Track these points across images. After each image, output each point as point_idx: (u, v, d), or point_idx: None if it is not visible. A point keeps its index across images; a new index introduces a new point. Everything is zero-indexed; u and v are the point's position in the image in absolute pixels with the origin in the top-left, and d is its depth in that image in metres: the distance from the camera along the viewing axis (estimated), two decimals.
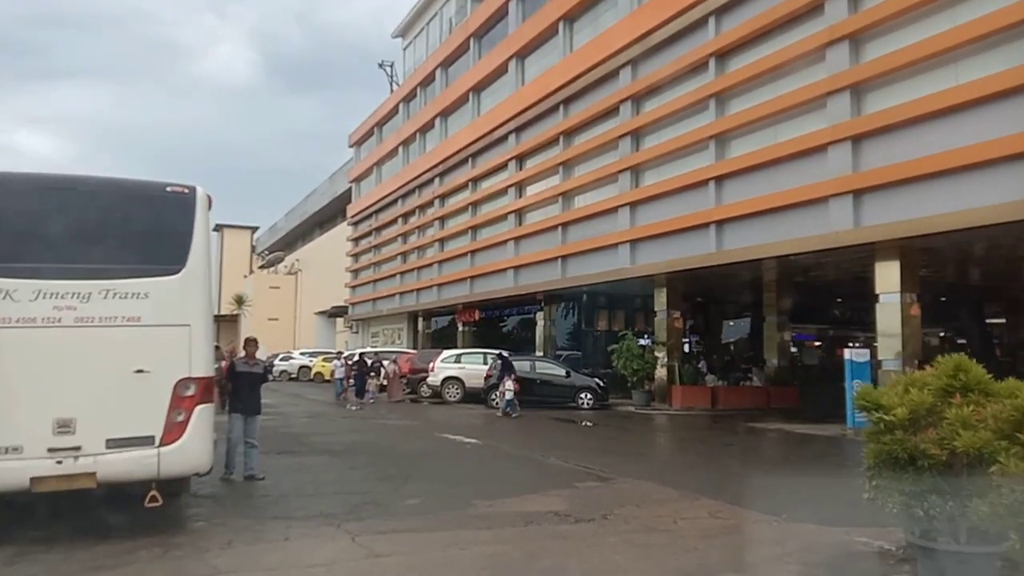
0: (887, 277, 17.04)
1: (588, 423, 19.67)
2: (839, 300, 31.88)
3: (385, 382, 25.43)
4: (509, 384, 20.43)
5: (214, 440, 7.57)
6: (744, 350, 31.55)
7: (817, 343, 34.03)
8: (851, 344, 37.23)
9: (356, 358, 25.54)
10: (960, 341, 29.65)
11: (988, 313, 30.94)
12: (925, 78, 15.29)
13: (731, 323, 33.35)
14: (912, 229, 15.18)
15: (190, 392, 7.05)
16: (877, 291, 17.24)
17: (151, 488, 6.97)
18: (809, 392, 25.16)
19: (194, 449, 7.07)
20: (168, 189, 7.38)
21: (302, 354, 45.31)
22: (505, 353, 23.49)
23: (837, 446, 15.23)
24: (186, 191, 7.42)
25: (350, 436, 15.70)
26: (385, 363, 25.97)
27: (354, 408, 22.72)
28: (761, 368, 26.40)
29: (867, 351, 17.14)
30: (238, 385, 9.97)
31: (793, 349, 29.52)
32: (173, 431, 6.97)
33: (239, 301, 31.88)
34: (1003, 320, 31.59)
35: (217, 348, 22.63)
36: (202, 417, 7.12)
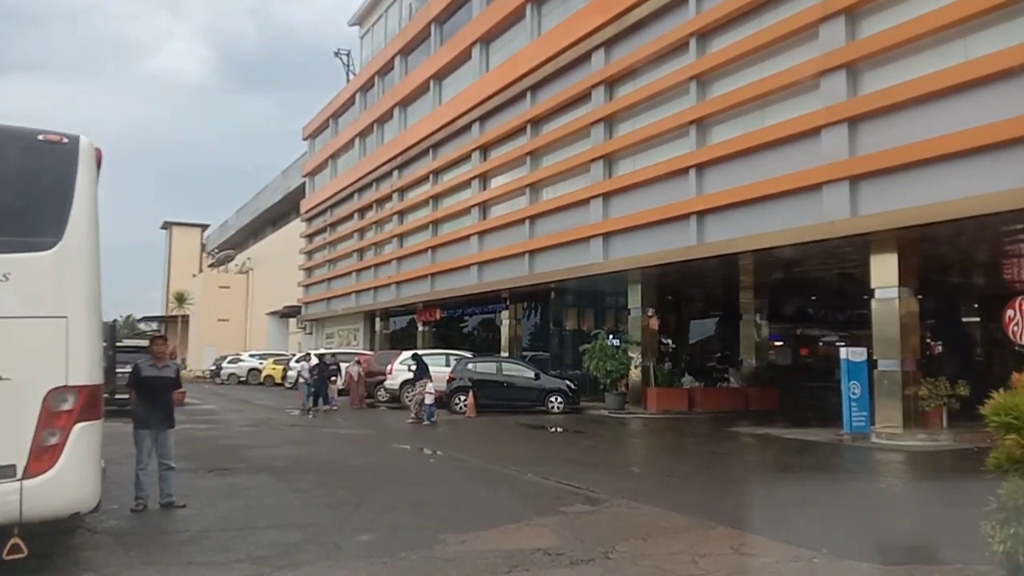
0: (884, 271, 15.82)
1: (559, 428, 18.17)
2: (813, 298, 30.90)
3: (344, 386, 23.45)
4: (430, 388, 18.56)
5: (102, 467, 5.81)
6: (714, 350, 30.39)
7: (779, 342, 32.97)
8: (821, 343, 37.00)
9: (314, 360, 23.55)
10: (929, 341, 28.85)
11: (963, 312, 30.22)
12: (929, 55, 14.07)
13: (700, 322, 32.18)
14: (915, 217, 13.94)
15: (67, 406, 5.30)
16: (873, 285, 16.03)
17: (12, 535, 5.20)
18: (785, 393, 24.16)
19: (71, 481, 5.31)
20: (40, 137, 5.60)
21: (251, 356, 43.16)
22: (420, 353, 21.97)
23: (839, 454, 13.94)
24: (65, 140, 5.64)
25: (296, 449, 13.90)
26: (345, 365, 24.02)
27: (313, 415, 20.82)
28: (738, 369, 25.19)
29: (864, 350, 15.89)
30: (143, 393, 8.14)
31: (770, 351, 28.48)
32: (42, 458, 5.22)
33: (180, 299, 29.59)
34: (978, 319, 30.89)
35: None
36: (83, 439, 5.37)
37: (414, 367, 20.00)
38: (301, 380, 23.26)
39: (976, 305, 29.88)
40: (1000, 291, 23.87)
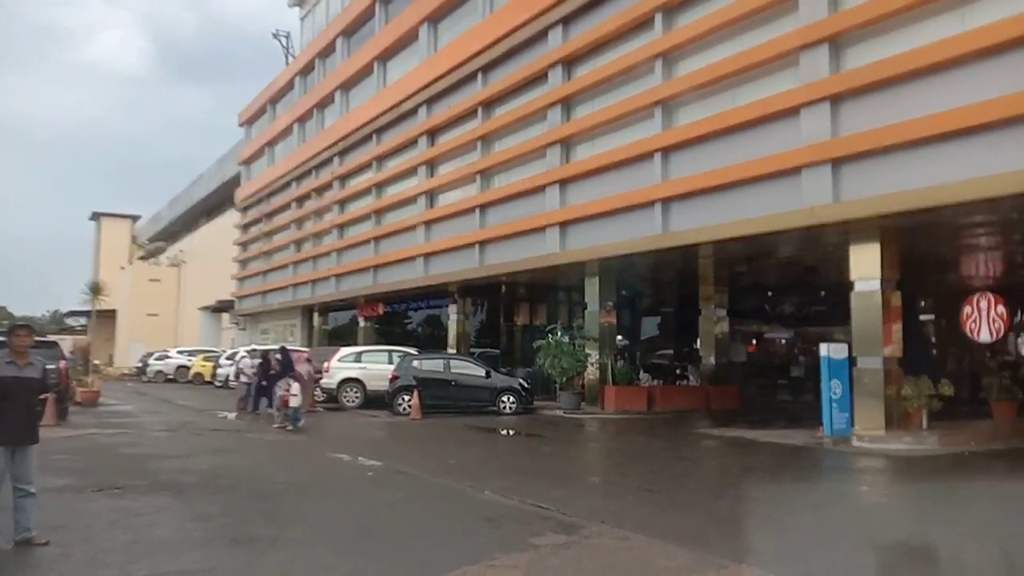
0: (865, 262, 14.70)
1: (513, 431, 16.64)
2: (769, 294, 30.01)
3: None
4: (295, 388, 16.24)
5: None
6: (673, 346, 29.26)
7: (737, 339, 31.97)
8: (781, 340, 36.27)
9: (251, 358, 21.25)
10: None
11: (919, 309, 29.70)
12: (922, 26, 12.92)
13: (658, 317, 31.05)
14: (905, 202, 12.79)
15: None
16: (852, 278, 14.90)
17: None
18: (743, 391, 23.15)
19: None
20: None
21: (180, 352, 40.66)
22: (288, 346, 19.86)
23: (827, 461, 12.70)
24: None
25: (212, 460, 12.00)
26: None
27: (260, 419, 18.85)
28: (697, 366, 24.03)
29: (845, 347, 14.74)
30: None
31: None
32: None
33: (96, 291, 27.12)
34: (932, 316, 30.47)
35: (54, 345, 18.59)
36: None
37: (256, 362, 17.96)
38: (242, 379, 20.89)
39: (927, 302, 29.44)
40: (958, 288, 23.29)
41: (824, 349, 14.63)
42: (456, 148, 25.37)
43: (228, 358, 30.94)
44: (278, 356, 19.87)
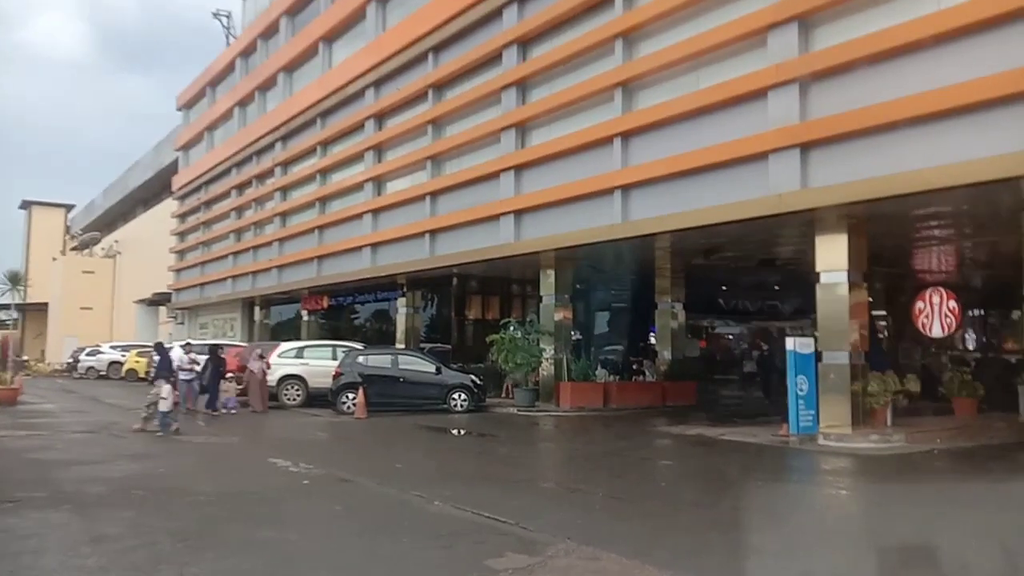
0: (831, 253, 14.11)
1: (465, 431, 15.72)
2: (724, 288, 29.58)
3: (242, 385, 19.32)
4: (166, 391, 14.14)
5: None
6: (627, 340, 28.57)
7: (693, 334, 31.51)
8: (730, 335, 36.01)
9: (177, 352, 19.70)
10: None
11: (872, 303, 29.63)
12: (897, 4, 12.32)
13: (614, 310, 30.32)
14: (880, 189, 12.17)
15: None
16: (818, 269, 14.30)
17: None
18: (700, 387, 22.60)
19: None
20: None
21: (113, 348, 38.68)
22: (165, 343, 18.24)
23: (795, 461, 12.09)
24: None
25: (130, 467, 10.78)
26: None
27: (204, 420, 17.47)
28: (653, 361, 23.38)
29: (811, 341, 14.15)
30: None
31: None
32: None
33: (14, 280, 25.07)
34: (884, 312, 30.48)
35: None
36: None
37: (157, 358, 16.73)
38: (180, 376, 19.20)
39: (878, 296, 29.39)
40: (910, 282, 23.14)
41: (790, 343, 14.01)
42: (405, 133, 24.20)
43: (158, 354, 29.30)
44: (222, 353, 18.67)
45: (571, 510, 7.90)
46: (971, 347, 27.92)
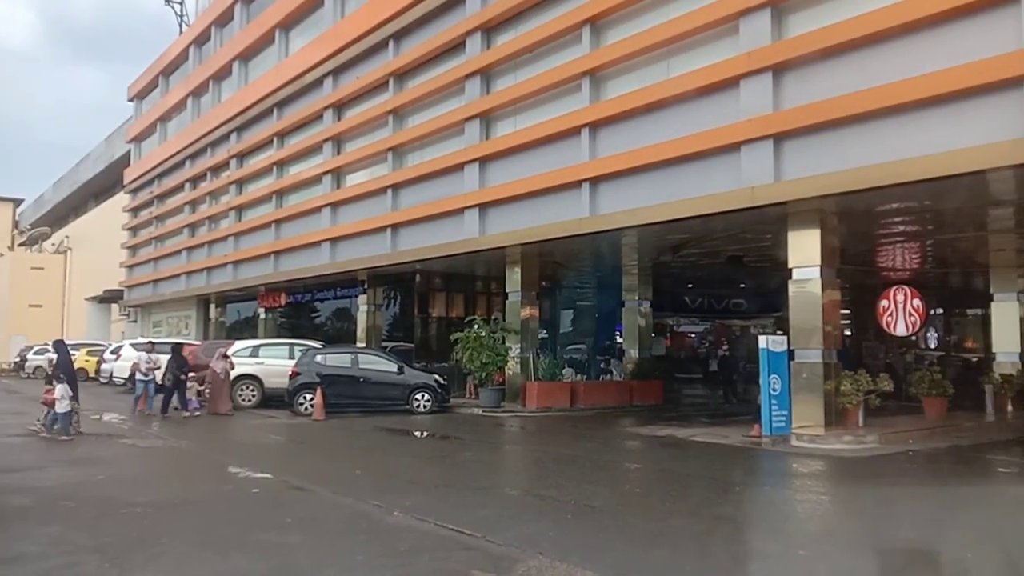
0: (804, 249, 13.78)
1: (428, 433, 15.08)
2: (690, 286, 29.34)
3: (205, 387, 18.16)
4: (60, 390, 13.31)
5: None
6: (593, 338, 28.17)
7: (657, 333, 31.20)
8: (693, 334, 35.84)
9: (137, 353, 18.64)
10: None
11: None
12: None
13: (579, 308, 29.91)
14: (857, 181, 11.84)
15: None
16: (790, 265, 13.96)
17: None
18: (665, 386, 22.27)
19: None
20: None
21: None
22: (63, 339, 17.51)
23: (772, 463, 11.66)
24: None
25: (65, 473, 9.94)
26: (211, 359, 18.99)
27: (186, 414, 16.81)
28: (620, 360, 22.96)
29: (784, 339, 13.78)
30: None
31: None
32: None
33: None
34: (847, 310, 30.51)
35: None
36: None
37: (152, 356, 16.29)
38: (137, 377, 18.16)
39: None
40: (873, 280, 23.06)
41: (763, 341, 13.61)
42: (365, 123, 23.42)
43: (113, 352, 28.22)
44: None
45: (542, 521, 7.33)
46: (932, 346, 28.02)
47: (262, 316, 31.38)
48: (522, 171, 17.85)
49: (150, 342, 19.89)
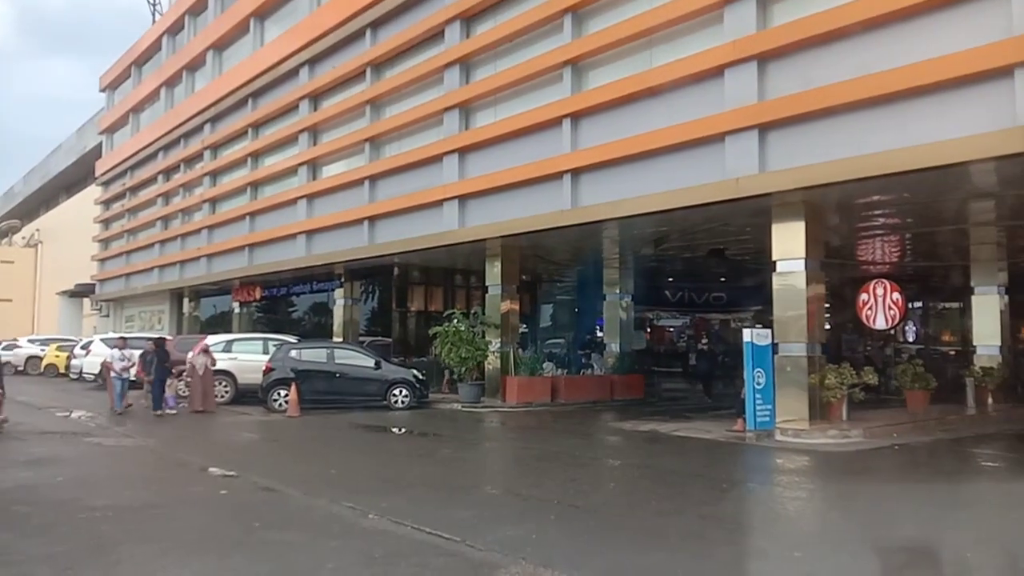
0: (788, 240, 13.60)
1: (406, 430, 14.73)
2: (670, 279, 29.16)
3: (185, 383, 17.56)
4: None
5: None
6: (573, 331, 27.94)
7: (640, 327, 31.04)
8: (671, 328, 35.70)
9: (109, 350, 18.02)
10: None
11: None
12: None
13: (559, 302, 29.66)
14: (850, 170, 11.60)
15: None
16: (774, 258, 13.78)
17: None
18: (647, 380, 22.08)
19: None
20: None
21: (31, 341, 36.23)
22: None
23: (758, 458, 11.46)
24: None
25: (21, 475, 9.47)
26: (190, 355, 18.39)
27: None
28: (601, 354, 22.72)
29: (768, 332, 13.58)
30: None
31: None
32: None
33: None
34: (826, 304, 30.47)
35: None
36: None
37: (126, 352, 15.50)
38: (112, 374, 17.49)
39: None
40: (852, 273, 22.99)
41: (747, 335, 13.44)
42: (342, 114, 22.96)
43: (83, 348, 27.50)
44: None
45: (524, 522, 7.02)
46: (911, 339, 28.05)
47: (237, 310, 30.81)
48: (502, 162, 17.52)
49: (122, 337, 19.31)
